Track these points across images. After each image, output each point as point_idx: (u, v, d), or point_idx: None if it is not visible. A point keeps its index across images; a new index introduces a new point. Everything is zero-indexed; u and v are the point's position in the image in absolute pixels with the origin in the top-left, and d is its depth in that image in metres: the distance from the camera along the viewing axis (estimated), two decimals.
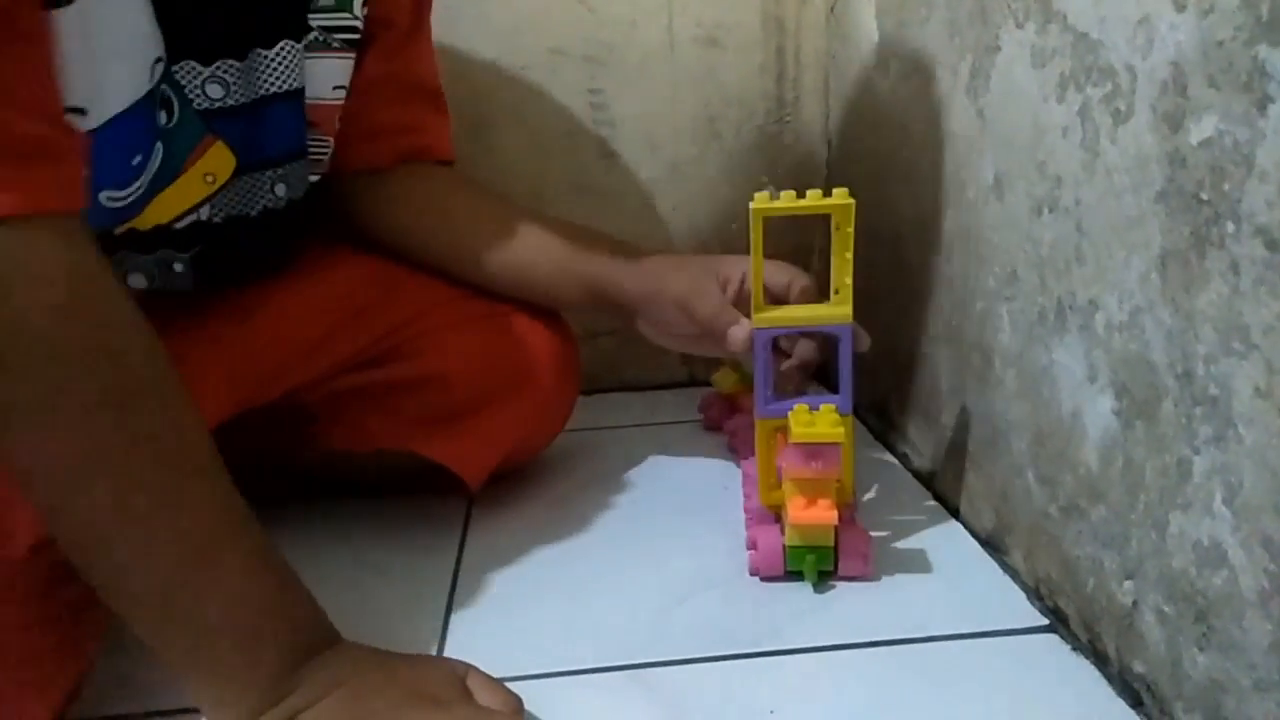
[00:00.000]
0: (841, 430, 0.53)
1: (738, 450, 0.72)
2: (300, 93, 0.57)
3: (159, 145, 0.50)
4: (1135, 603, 0.44)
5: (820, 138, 0.89)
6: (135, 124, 0.48)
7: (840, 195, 0.55)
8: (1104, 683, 0.46)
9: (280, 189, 0.58)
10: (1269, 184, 0.34)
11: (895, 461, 0.73)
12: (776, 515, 0.58)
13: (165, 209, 0.53)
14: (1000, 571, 0.57)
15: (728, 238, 0.91)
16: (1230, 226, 0.36)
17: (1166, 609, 0.42)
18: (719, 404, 0.80)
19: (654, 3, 0.85)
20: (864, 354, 0.59)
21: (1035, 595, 0.54)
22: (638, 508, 0.67)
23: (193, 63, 0.51)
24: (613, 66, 0.86)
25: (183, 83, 0.51)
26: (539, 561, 0.61)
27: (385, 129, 0.65)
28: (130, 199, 0.50)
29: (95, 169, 0.47)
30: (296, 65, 0.56)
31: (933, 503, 0.66)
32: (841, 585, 0.55)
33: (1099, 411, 0.46)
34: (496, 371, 0.64)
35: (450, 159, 0.70)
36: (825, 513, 0.53)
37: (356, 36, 0.60)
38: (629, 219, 0.89)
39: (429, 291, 0.65)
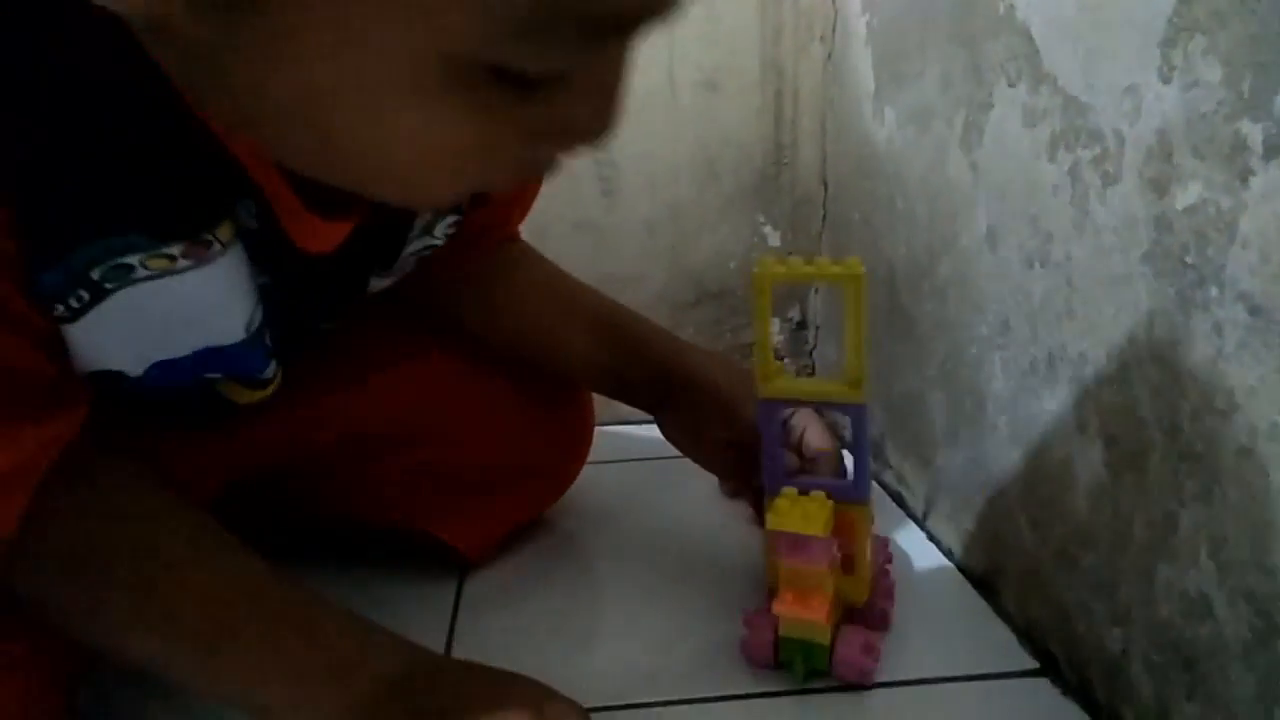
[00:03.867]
0: (821, 523, 0.48)
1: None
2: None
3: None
4: (1124, 650, 0.45)
5: (817, 181, 0.91)
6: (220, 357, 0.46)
7: (852, 265, 0.48)
8: None
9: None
10: (1251, 251, 0.36)
11: (890, 500, 0.74)
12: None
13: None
14: (992, 614, 0.58)
15: (724, 276, 0.93)
16: (1214, 290, 0.38)
17: (1155, 657, 0.43)
18: None
19: (655, 47, 0.86)
20: None
21: (1026, 639, 0.55)
22: (634, 547, 0.68)
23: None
24: None
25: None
26: (535, 601, 0.62)
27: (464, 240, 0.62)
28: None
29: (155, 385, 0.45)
30: (380, 284, 0.56)
31: (927, 543, 0.67)
32: None
33: (1089, 461, 0.48)
34: (507, 454, 0.65)
35: (515, 238, 0.69)
36: (812, 609, 0.49)
37: (437, 244, 0.57)
38: (628, 257, 0.91)
39: (444, 369, 0.64)
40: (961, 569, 0.63)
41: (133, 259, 0.38)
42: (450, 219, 0.55)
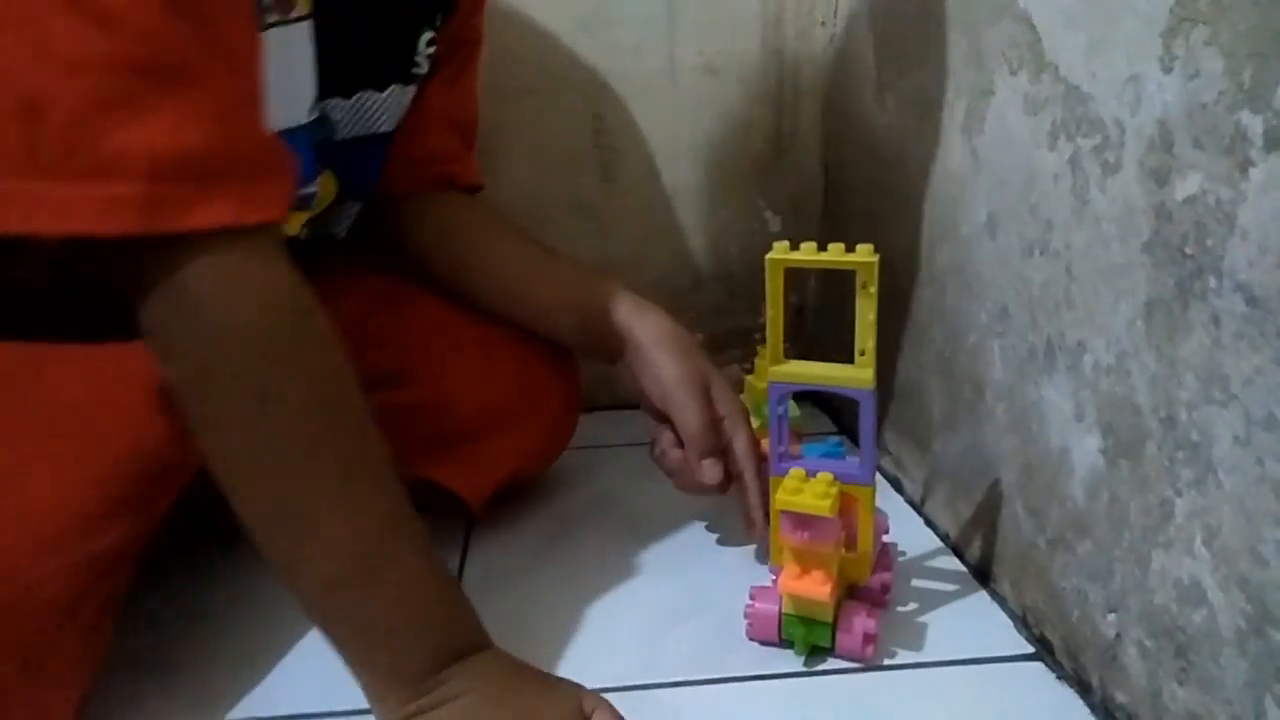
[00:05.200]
0: (829, 503, 0.49)
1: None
2: (393, 133, 0.60)
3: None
4: (1118, 635, 0.46)
5: (818, 167, 0.91)
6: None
7: (864, 251, 0.50)
8: (1087, 712, 0.48)
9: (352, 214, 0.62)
10: (1250, 243, 0.36)
11: (888, 485, 0.75)
12: None
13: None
14: (988, 599, 0.58)
15: (725, 260, 0.93)
16: (1213, 281, 0.38)
17: (1148, 643, 0.44)
18: None
19: (656, 30, 0.86)
20: None
21: (1022, 624, 0.55)
22: (635, 530, 0.68)
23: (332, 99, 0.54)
24: (615, 92, 0.87)
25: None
26: (536, 583, 0.62)
27: (427, 158, 0.67)
28: None
29: None
30: (400, 106, 0.59)
31: (924, 529, 0.67)
32: None
33: (1085, 449, 0.48)
34: (500, 396, 0.66)
35: (478, 186, 0.73)
36: (816, 586, 0.50)
37: (421, 72, 0.63)
38: (628, 241, 0.91)
39: (436, 313, 0.66)
40: (958, 554, 0.63)
41: None
42: (427, 35, 0.61)
